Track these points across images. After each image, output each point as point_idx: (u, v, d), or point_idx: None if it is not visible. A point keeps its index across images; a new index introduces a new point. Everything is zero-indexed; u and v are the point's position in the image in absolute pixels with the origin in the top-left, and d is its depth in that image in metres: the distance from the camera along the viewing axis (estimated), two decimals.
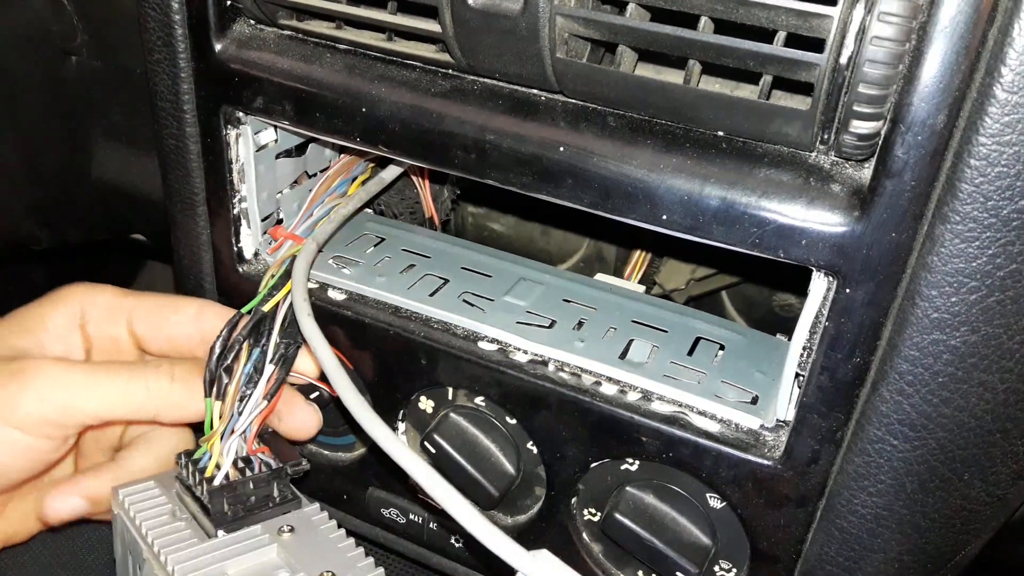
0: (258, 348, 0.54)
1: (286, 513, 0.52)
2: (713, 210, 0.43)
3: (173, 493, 0.53)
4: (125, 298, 0.59)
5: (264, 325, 0.54)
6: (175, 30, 0.54)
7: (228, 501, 0.51)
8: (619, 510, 0.53)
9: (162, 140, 0.59)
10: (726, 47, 0.38)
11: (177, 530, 0.50)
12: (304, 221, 0.60)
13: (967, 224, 0.38)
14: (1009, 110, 0.35)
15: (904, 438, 0.43)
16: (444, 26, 0.45)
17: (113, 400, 0.51)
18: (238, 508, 0.51)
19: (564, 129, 0.46)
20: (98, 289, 0.59)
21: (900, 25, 0.36)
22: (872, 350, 0.43)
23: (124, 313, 0.58)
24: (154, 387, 0.52)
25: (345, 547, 0.50)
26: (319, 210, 0.60)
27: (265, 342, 0.54)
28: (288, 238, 0.59)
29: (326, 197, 0.61)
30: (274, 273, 0.56)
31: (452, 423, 0.57)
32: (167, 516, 0.51)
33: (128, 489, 0.53)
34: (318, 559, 0.49)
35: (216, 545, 0.49)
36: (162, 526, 0.50)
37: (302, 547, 0.50)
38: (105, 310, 0.58)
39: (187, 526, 0.50)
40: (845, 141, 0.39)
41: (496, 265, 0.61)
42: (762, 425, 0.49)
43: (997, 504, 0.46)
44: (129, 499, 0.52)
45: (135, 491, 0.53)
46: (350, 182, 0.63)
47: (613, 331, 0.55)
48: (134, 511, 0.51)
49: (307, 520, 0.52)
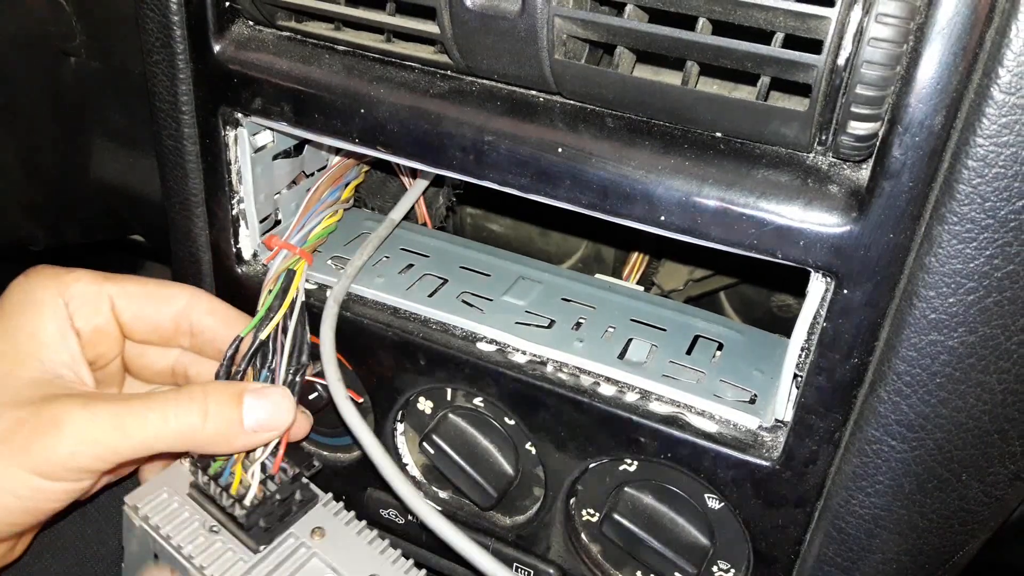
0: (266, 370, 0.54)
1: (309, 511, 0.54)
2: (711, 211, 0.43)
3: (190, 500, 0.53)
4: (104, 283, 0.54)
5: (267, 348, 0.54)
6: (174, 31, 0.54)
7: (263, 517, 0.52)
8: (617, 511, 0.53)
9: (160, 141, 0.59)
10: (724, 48, 0.38)
11: (217, 548, 0.51)
12: (298, 231, 0.59)
13: (965, 225, 0.38)
14: (1006, 111, 0.36)
15: (902, 439, 0.43)
16: (442, 27, 0.45)
17: (146, 443, 0.48)
18: (271, 519, 0.52)
19: (562, 130, 0.46)
20: (72, 276, 0.54)
21: (897, 26, 0.36)
22: (870, 351, 0.43)
23: (106, 300, 0.54)
24: (186, 423, 0.48)
25: (380, 547, 0.53)
26: (312, 220, 0.60)
27: (273, 368, 0.54)
28: (283, 247, 0.58)
29: (319, 206, 0.60)
30: (271, 289, 0.55)
31: (451, 424, 0.57)
32: (199, 528, 0.52)
33: (141, 498, 0.53)
34: (360, 563, 0.51)
35: (260, 560, 0.50)
36: (197, 539, 0.51)
37: (339, 550, 0.52)
38: (86, 300, 0.53)
39: (225, 543, 0.51)
40: (843, 142, 0.39)
41: (495, 264, 0.61)
42: (760, 425, 0.49)
43: (995, 505, 0.46)
44: (148, 509, 0.52)
45: (150, 499, 0.53)
46: (343, 188, 0.63)
47: (612, 330, 0.55)
48: (159, 523, 0.51)
49: (331, 517, 0.54)
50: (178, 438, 0.48)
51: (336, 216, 0.61)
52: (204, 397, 0.49)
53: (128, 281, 0.55)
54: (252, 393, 0.51)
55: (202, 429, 0.49)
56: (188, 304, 0.56)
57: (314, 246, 0.60)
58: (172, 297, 0.56)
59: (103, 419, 0.47)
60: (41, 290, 0.53)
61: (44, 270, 0.54)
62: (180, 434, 0.48)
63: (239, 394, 0.50)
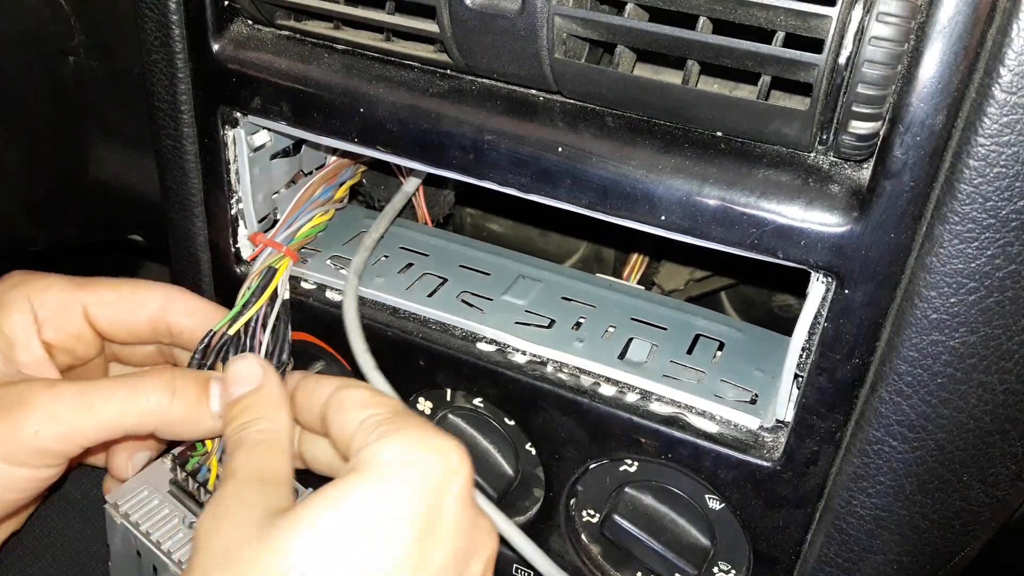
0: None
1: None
2: (712, 211, 0.43)
3: (169, 497, 0.53)
4: (78, 291, 0.54)
5: (245, 345, 0.53)
6: (172, 30, 0.54)
7: None
8: (618, 511, 0.53)
9: (159, 140, 0.59)
10: (725, 47, 0.38)
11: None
12: (285, 228, 0.59)
13: (966, 225, 0.38)
14: (1008, 111, 0.35)
15: (903, 439, 0.43)
16: (442, 26, 0.45)
17: (112, 421, 0.48)
18: None
19: (562, 129, 0.46)
20: (45, 282, 0.53)
21: (899, 25, 0.35)
22: (871, 351, 0.43)
23: (79, 307, 0.53)
24: (154, 401, 0.48)
25: None
26: (301, 218, 0.59)
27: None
28: (268, 245, 0.57)
29: (309, 203, 0.60)
30: (250, 285, 0.55)
31: (451, 424, 0.57)
32: (178, 524, 0.51)
33: (122, 496, 0.53)
34: None
35: None
36: (176, 534, 0.51)
37: None
38: (58, 308, 0.53)
39: None
40: (844, 141, 0.39)
41: (495, 262, 0.61)
42: (761, 426, 0.49)
43: (996, 505, 0.45)
44: (129, 507, 0.52)
45: (130, 497, 0.53)
46: (336, 187, 0.62)
47: (612, 330, 0.55)
48: (139, 519, 0.51)
49: None
50: (145, 417, 0.48)
51: (327, 216, 0.61)
52: (172, 378, 0.49)
53: (102, 286, 0.55)
54: (219, 380, 0.50)
55: (169, 409, 0.48)
56: (163, 306, 0.55)
57: (300, 244, 0.59)
58: (147, 300, 0.55)
59: (68, 397, 0.47)
60: (11, 295, 0.53)
61: (17, 275, 0.54)
62: (147, 412, 0.48)
63: (206, 378, 0.50)
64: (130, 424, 0.48)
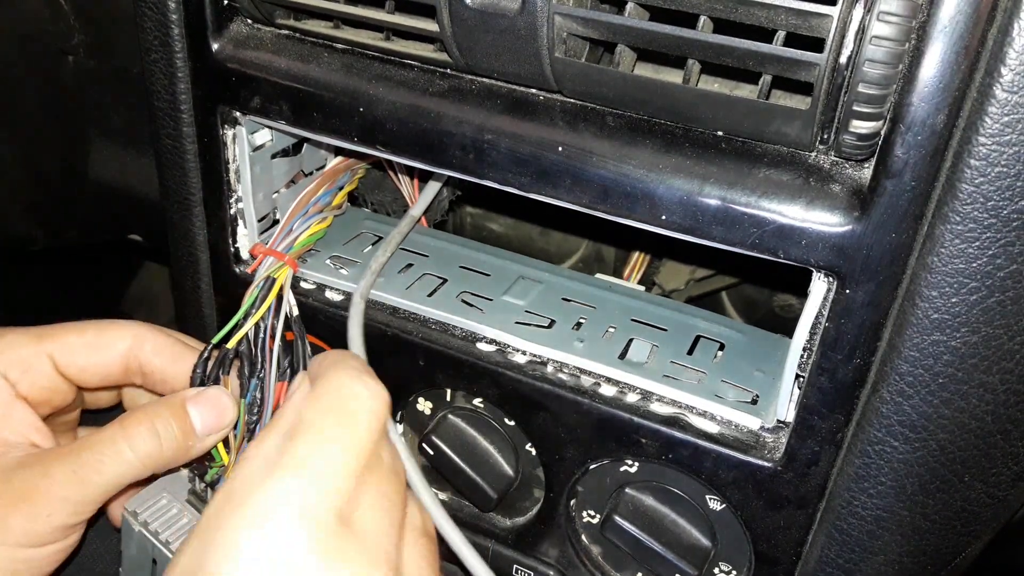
0: (255, 379, 0.53)
1: None
2: (712, 210, 0.43)
3: (188, 506, 0.53)
4: (41, 342, 0.52)
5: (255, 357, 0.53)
6: (172, 29, 0.54)
7: None
8: (618, 512, 0.52)
9: (159, 140, 0.59)
10: (725, 46, 0.38)
11: None
12: (284, 237, 0.58)
13: (967, 224, 0.38)
14: (1009, 110, 0.35)
15: (904, 439, 0.43)
16: (442, 25, 0.45)
17: (111, 482, 0.47)
18: None
19: (563, 129, 0.46)
20: (5, 342, 0.51)
21: (900, 25, 0.35)
22: (872, 351, 0.43)
23: (45, 359, 0.52)
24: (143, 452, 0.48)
25: None
26: (300, 226, 0.59)
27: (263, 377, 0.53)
28: (268, 254, 0.57)
29: (308, 208, 0.59)
30: (252, 295, 0.54)
31: (450, 425, 0.57)
32: None
33: (141, 503, 0.53)
34: None
35: None
36: None
37: None
38: (25, 366, 0.51)
39: None
40: (845, 141, 0.39)
41: (495, 263, 0.61)
42: (762, 426, 0.49)
43: (998, 506, 0.45)
44: (148, 515, 0.52)
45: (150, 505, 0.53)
46: (335, 192, 0.62)
47: (612, 330, 0.55)
48: (158, 528, 0.51)
49: None
50: (140, 468, 0.48)
51: (325, 223, 0.61)
52: (151, 421, 0.49)
53: (67, 332, 0.53)
54: (191, 400, 0.50)
55: (160, 452, 0.49)
56: (132, 346, 0.54)
57: (300, 252, 0.59)
58: (115, 341, 0.54)
59: (65, 479, 0.47)
60: None
61: None
62: (141, 464, 0.48)
63: (182, 405, 0.50)
64: (131, 479, 0.48)
